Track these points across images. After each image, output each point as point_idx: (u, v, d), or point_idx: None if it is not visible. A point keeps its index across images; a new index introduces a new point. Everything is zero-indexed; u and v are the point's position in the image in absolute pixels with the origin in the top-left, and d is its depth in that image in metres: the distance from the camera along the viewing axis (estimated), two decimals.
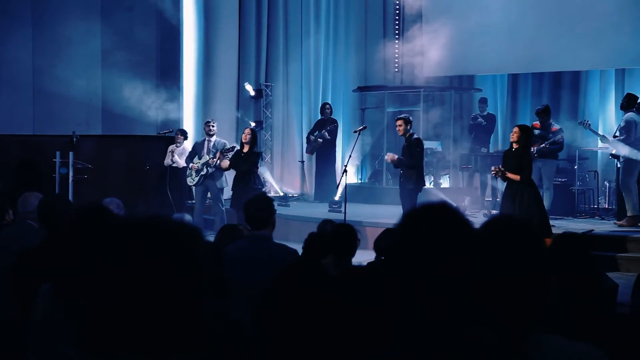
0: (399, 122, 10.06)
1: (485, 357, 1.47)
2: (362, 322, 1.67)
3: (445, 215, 1.59)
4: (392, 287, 1.56)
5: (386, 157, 10.19)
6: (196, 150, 11.26)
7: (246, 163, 10.32)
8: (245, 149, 10.39)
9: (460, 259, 1.53)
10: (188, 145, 12.28)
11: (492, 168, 9.14)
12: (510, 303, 1.56)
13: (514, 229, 1.67)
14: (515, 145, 8.87)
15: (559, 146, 11.18)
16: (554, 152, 11.08)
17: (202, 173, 11.04)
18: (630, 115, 10.49)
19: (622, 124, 10.58)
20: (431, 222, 1.58)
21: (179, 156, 11.91)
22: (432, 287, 1.52)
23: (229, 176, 11.18)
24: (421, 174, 10.02)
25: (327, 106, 14.23)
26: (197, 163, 11.04)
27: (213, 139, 11.23)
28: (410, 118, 10.30)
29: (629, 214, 10.44)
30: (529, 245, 1.63)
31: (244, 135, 10.50)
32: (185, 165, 11.61)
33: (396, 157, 9.97)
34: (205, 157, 11.01)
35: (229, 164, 10.63)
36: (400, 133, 10.04)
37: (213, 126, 11.28)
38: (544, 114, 11.14)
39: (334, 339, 1.60)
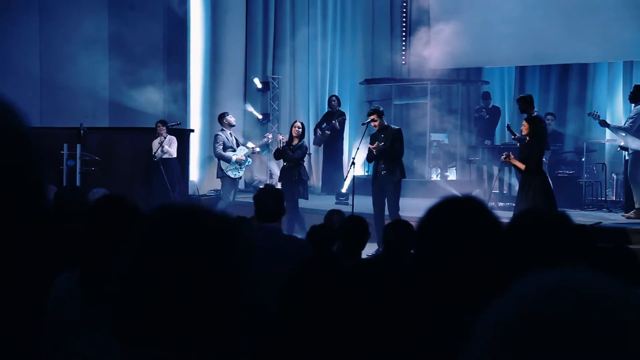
0: (373, 117, 9.65)
1: None
2: (378, 314, 1.67)
3: (470, 209, 1.59)
4: (417, 281, 1.55)
5: (371, 146, 9.58)
6: (225, 143, 11.37)
7: (292, 153, 10.51)
8: (295, 142, 10.57)
9: (486, 253, 1.52)
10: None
11: (504, 154, 9.21)
12: None
13: (540, 225, 1.66)
14: (527, 138, 8.95)
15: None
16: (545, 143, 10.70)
17: (247, 164, 11.55)
18: None
19: (633, 115, 10.53)
20: (457, 216, 1.58)
21: (168, 146, 11.79)
22: (458, 281, 1.52)
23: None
24: (403, 165, 9.90)
25: (334, 98, 14.22)
26: (240, 154, 11.25)
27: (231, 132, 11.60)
28: (381, 108, 10.11)
29: (637, 206, 10.42)
30: (556, 240, 1.62)
31: (295, 129, 10.63)
32: (175, 155, 11.69)
33: (380, 144, 9.51)
34: (244, 149, 11.35)
35: (279, 156, 10.84)
36: (376, 127, 9.66)
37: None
38: (522, 101, 10.85)
39: (352, 331, 1.60)
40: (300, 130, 10.65)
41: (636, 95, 10.58)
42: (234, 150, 11.37)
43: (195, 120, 14.07)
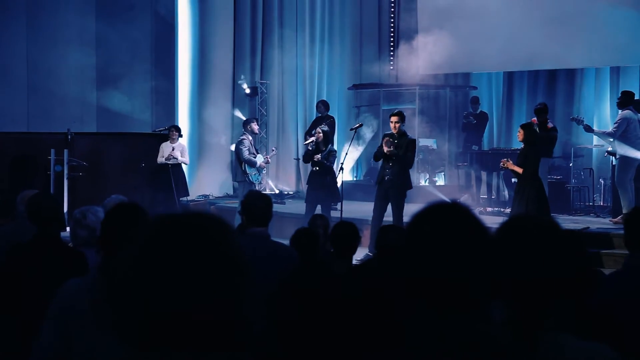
0: (395, 119, 9.65)
1: (499, 356, 1.46)
2: (370, 319, 1.67)
3: (456, 214, 1.58)
4: (403, 286, 1.55)
5: (386, 149, 9.55)
6: (249, 148, 11.45)
7: (326, 161, 10.51)
8: (323, 148, 10.61)
9: (473, 258, 1.52)
10: (183, 141, 12.40)
11: (502, 162, 9.24)
12: (525, 302, 1.55)
13: (529, 230, 1.66)
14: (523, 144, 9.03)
15: (552, 144, 11.08)
16: (548, 151, 10.93)
17: (264, 171, 11.72)
18: (626, 112, 10.51)
19: (618, 119, 10.61)
20: (442, 221, 1.58)
21: (180, 154, 11.97)
22: (444, 286, 1.51)
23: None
24: (409, 174, 9.89)
25: (320, 104, 14.17)
26: (260, 161, 11.44)
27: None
28: (405, 113, 10.15)
29: (624, 211, 10.47)
30: (545, 246, 1.62)
31: (318, 135, 10.69)
32: (183, 161, 11.86)
33: (393, 149, 9.49)
34: (261, 157, 11.50)
35: (308, 160, 10.85)
36: (395, 130, 9.63)
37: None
38: (544, 112, 11.09)
39: (344, 337, 1.59)
40: (321, 134, 10.66)
41: (624, 101, 10.66)
42: (255, 156, 11.44)
43: (183, 125, 14.04)
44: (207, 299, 1.29)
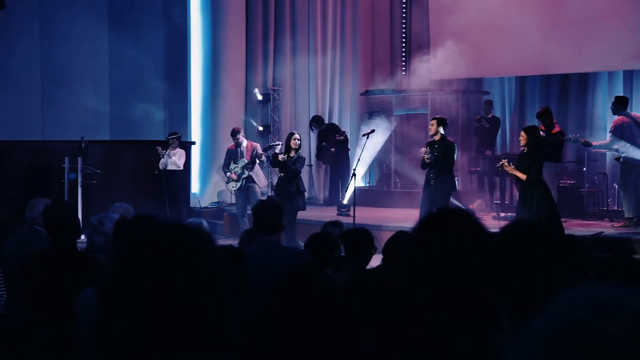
0: (432, 122, 10.02)
1: None
2: (365, 327, 1.67)
3: (461, 221, 1.59)
4: (410, 294, 1.55)
5: (421, 150, 9.89)
6: (230, 157, 11.37)
7: (294, 166, 10.41)
8: (292, 153, 10.51)
9: (478, 265, 1.52)
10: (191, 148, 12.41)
11: (500, 162, 9.19)
12: (530, 308, 1.56)
13: (531, 235, 1.66)
14: (526, 149, 8.90)
15: (556, 148, 10.84)
16: (554, 155, 10.55)
17: (244, 176, 11.33)
18: (618, 118, 10.65)
19: (611, 128, 10.75)
20: (448, 228, 1.58)
21: (177, 158, 11.92)
22: (449, 294, 1.51)
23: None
24: (454, 177, 10.01)
25: (311, 123, 14.12)
26: (233, 170, 11.24)
27: (243, 145, 11.48)
28: (447, 120, 10.25)
29: (626, 215, 10.50)
30: (547, 250, 1.62)
31: (294, 142, 10.52)
32: (181, 167, 11.83)
33: (429, 155, 9.68)
34: (243, 161, 11.30)
35: (277, 164, 10.65)
36: (431, 132, 9.92)
37: (243, 135, 11.63)
38: (545, 116, 10.96)
39: (335, 345, 1.60)
40: (299, 142, 10.59)
41: (616, 106, 10.72)
42: (236, 163, 11.34)
43: (196, 132, 14.10)
44: (181, 302, 1.30)
